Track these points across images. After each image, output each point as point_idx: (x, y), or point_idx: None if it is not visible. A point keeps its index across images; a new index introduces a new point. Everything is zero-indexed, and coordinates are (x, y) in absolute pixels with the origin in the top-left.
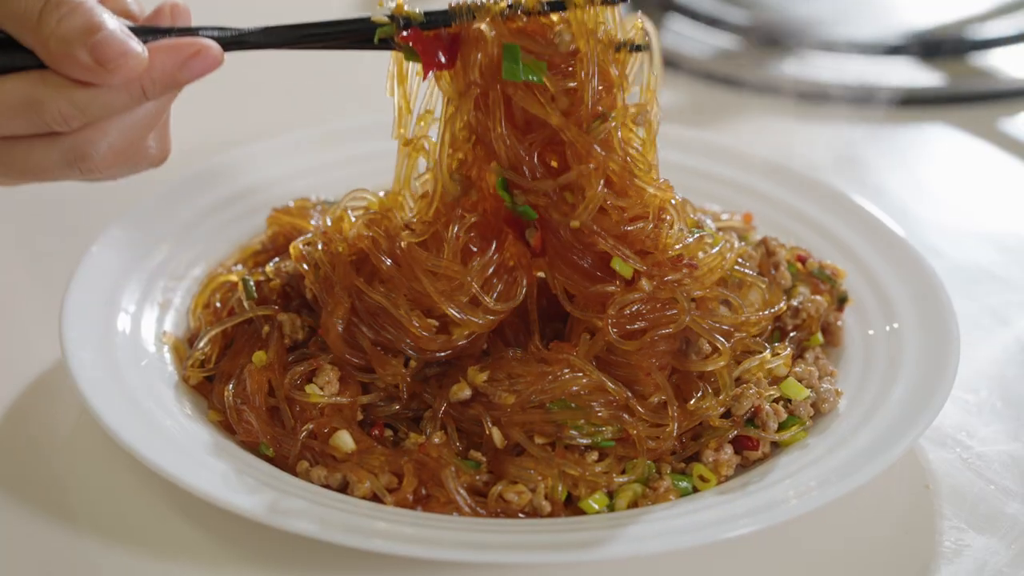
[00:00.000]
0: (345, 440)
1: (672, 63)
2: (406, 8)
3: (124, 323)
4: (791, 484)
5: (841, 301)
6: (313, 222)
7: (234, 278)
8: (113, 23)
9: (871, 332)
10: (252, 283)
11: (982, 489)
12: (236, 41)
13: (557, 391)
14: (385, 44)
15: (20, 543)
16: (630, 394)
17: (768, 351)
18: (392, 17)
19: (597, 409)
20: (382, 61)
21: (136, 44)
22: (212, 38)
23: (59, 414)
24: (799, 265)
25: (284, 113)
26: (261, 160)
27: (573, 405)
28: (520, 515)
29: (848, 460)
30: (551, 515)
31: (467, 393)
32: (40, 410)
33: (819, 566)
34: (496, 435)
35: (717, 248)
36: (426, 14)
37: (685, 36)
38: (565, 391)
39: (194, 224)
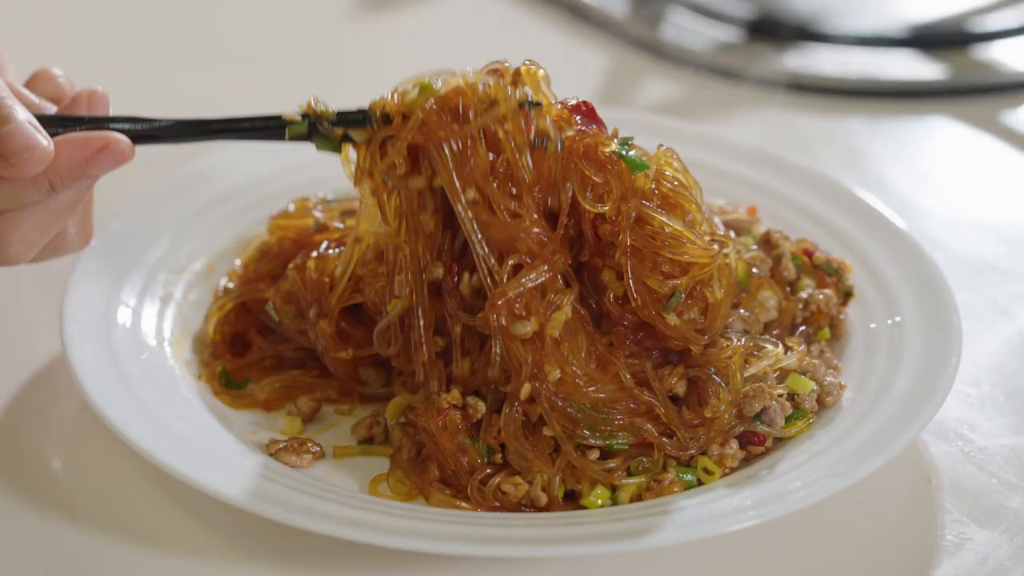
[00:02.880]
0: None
1: (673, 56)
2: (317, 106)
3: (124, 317)
4: (797, 476)
5: (847, 295)
6: (317, 216)
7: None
8: (22, 114)
9: (873, 325)
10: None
11: (984, 483)
12: (147, 135)
13: (585, 397)
14: (300, 139)
15: (21, 536)
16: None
17: (780, 347)
18: (304, 116)
19: (617, 417)
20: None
21: (42, 138)
22: (123, 130)
23: (60, 407)
24: (805, 258)
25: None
26: (261, 153)
27: (593, 412)
28: (522, 508)
29: (852, 453)
30: (547, 508)
31: (528, 329)
32: (41, 403)
33: (822, 559)
34: (525, 389)
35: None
36: (338, 113)
37: (686, 29)
38: (592, 398)
39: (194, 218)
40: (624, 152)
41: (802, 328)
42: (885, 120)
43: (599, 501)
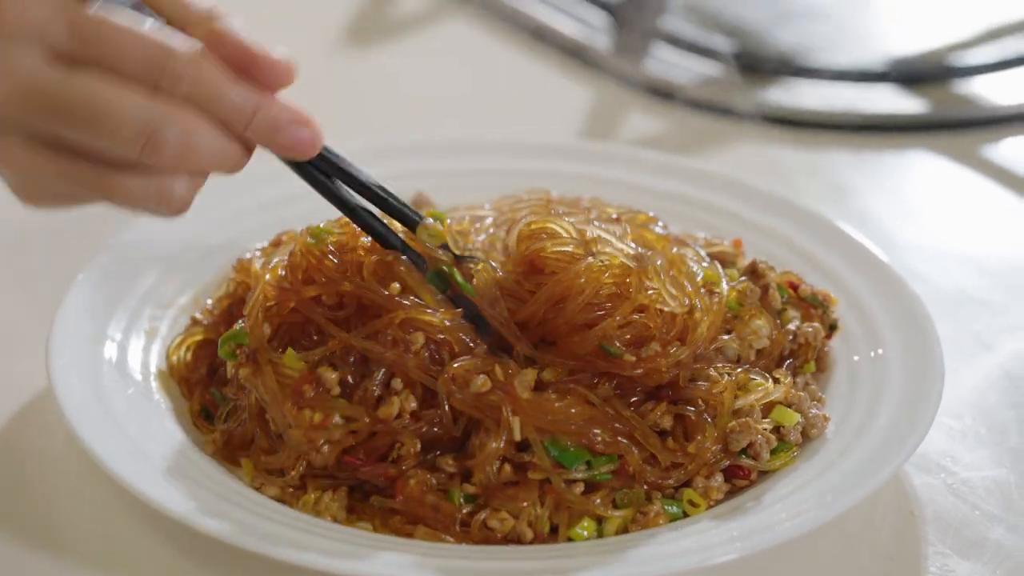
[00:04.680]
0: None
1: (657, 91)
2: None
3: (111, 351)
4: (781, 509)
5: (831, 328)
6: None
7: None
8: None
9: (856, 358)
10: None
11: (967, 515)
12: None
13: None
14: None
15: (6, 571)
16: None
17: (769, 381)
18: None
19: (597, 439)
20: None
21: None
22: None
23: (46, 442)
24: (791, 291)
25: None
26: (249, 186)
27: (571, 447)
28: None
29: (835, 485)
30: (532, 543)
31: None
32: (27, 438)
33: None
34: (516, 425)
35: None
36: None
37: (670, 64)
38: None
39: (181, 252)
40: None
41: (788, 360)
42: (867, 154)
43: (585, 533)
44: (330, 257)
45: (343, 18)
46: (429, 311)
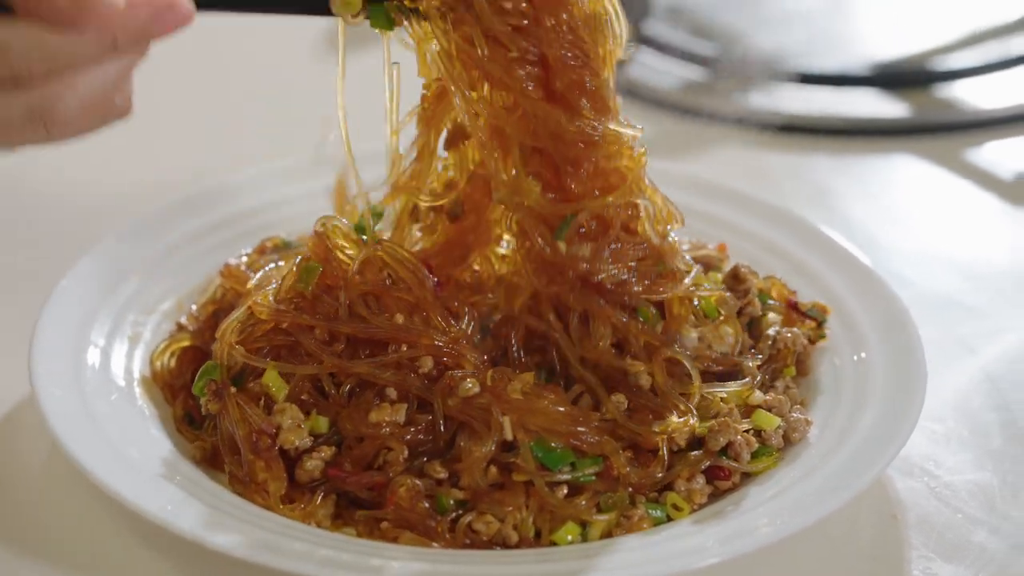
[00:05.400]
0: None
1: (641, 95)
2: None
3: (94, 357)
4: (764, 512)
5: (819, 336)
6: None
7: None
8: None
9: (838, 362)
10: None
11: (949, 518)
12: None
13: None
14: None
15: None
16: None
17: (739, 384)
18: None
19: (584, 438)
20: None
21: None
22: None
23: (29, 449)
24: (792, 312)
25: (256, 145)
26: (232, 193)
27: (557, 448)
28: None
29: (818, 489)
30: (517, 547)
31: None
32: (10, 446)
33: None
34: (507, 424)
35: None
36: None
37: (653, 68)
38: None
39: (164, 258)
40: None
41: (767, 365)
42: (850, 158)
43: (569, 537)
44: (323, 296)
45: (325, 24)
46: (435, 333)
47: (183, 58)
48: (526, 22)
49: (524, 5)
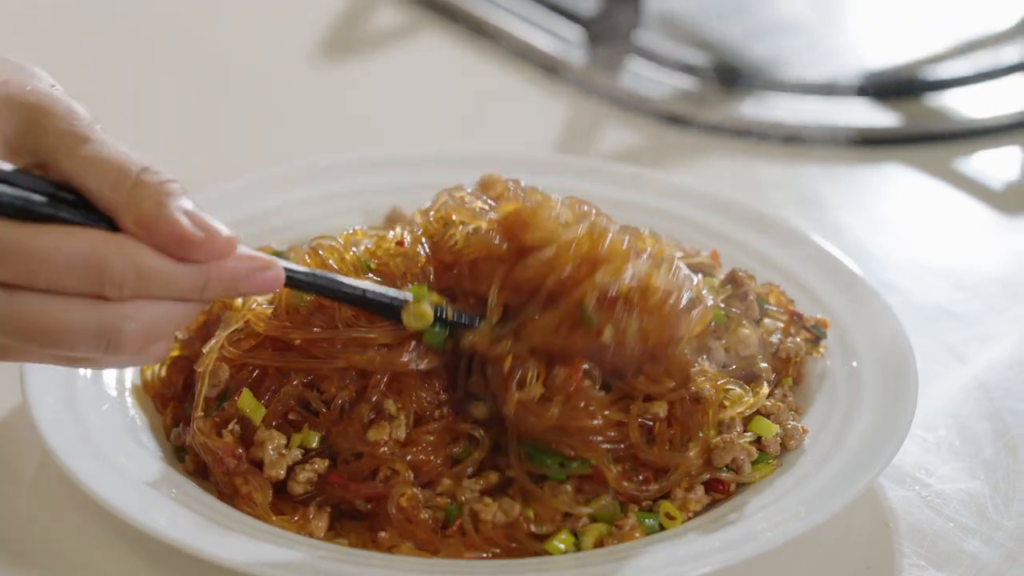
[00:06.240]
0: None
1: (631, 105)
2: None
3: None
4: (757, 521)
5: (813, 350)
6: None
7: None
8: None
9: (830, 370)
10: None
11: (941, 527)
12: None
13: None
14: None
15: None
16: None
17: (749, 394)
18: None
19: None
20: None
21: (224, 227)
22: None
23: (21, 459)
24: (794, 321)
25: (248, 153)
26: (224, 201)
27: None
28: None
29: (811, 497)
30: (511, 540)
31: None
32: (1, 455)
33: None
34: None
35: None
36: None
37: (644, 77)
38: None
39: None
40: None
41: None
42: (841, 167)
43: (562, 547)
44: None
45: (318, 33)
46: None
47: (176, 66)
48: None
49: None
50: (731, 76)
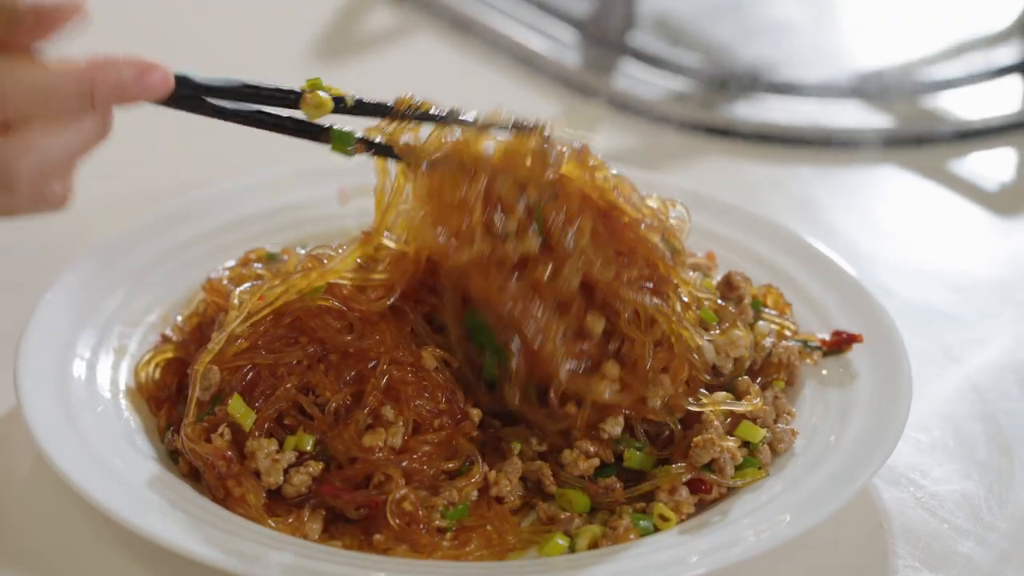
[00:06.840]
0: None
1: (625, 106)
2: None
3: (79, 370)
4: (749, 523)
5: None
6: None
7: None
8: None
9: (824, 372)
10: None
11: (935, 528)
12: (184, 81)
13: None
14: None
15: None
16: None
17: (726, 394)
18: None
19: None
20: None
21: None
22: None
23: (15, 461)
24: (794, 339)
25: (240, 156)
26: (217, 204)
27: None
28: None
29: (804, 499)
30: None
31: None
32: None
33: None
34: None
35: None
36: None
37: (637, 79)
38: None
39: (149, 269)
40: None
41: (759, 380)
42: (835, 169)
43: (562, 542)
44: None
45: (312, 34)
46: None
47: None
48: None
49: None
50: (725, 78)
